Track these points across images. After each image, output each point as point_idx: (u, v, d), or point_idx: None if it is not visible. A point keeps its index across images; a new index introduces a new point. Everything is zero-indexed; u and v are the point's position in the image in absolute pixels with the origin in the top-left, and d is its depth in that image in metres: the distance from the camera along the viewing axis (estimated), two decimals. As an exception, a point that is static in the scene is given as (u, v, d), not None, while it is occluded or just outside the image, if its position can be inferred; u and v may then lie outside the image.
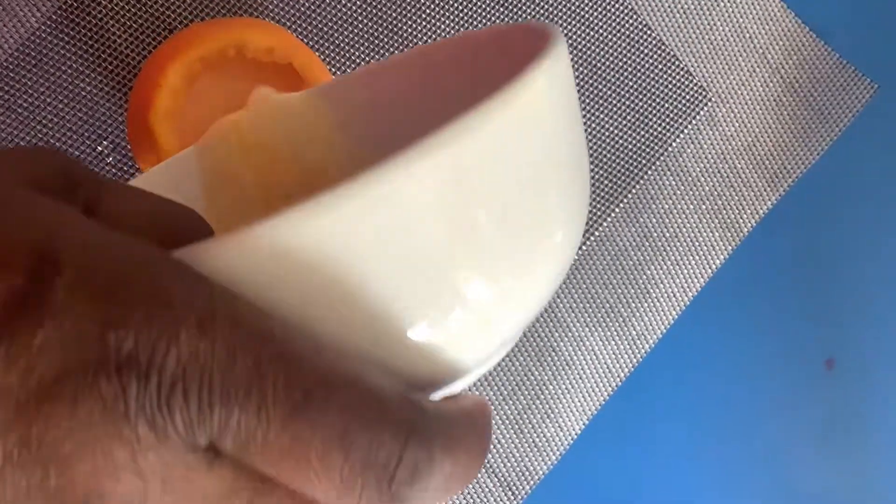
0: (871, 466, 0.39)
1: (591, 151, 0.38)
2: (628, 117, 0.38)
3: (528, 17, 0.37)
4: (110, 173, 0.34)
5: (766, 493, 0.39)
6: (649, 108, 0.38)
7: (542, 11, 0.37)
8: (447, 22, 0.37)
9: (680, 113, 0.38)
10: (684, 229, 0.38)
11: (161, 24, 0.34)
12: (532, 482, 0.37)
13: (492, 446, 0.37)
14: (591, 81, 0.38)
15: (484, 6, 0.37)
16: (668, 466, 0.38)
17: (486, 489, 0.37)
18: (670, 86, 0.38)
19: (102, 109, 0.34)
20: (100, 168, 0.34)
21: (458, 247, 0.14)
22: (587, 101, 0.38)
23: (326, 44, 0.36)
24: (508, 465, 0.37)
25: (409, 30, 0.36)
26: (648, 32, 0.38)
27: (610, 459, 0.38)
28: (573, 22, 0.38)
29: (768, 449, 0.39)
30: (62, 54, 0.33)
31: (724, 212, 0.38)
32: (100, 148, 0.34)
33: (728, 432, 0.39)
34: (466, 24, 0.37)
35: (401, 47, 0.36)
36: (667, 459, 0.38)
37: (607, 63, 0.38)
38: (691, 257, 0.38)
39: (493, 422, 0.37)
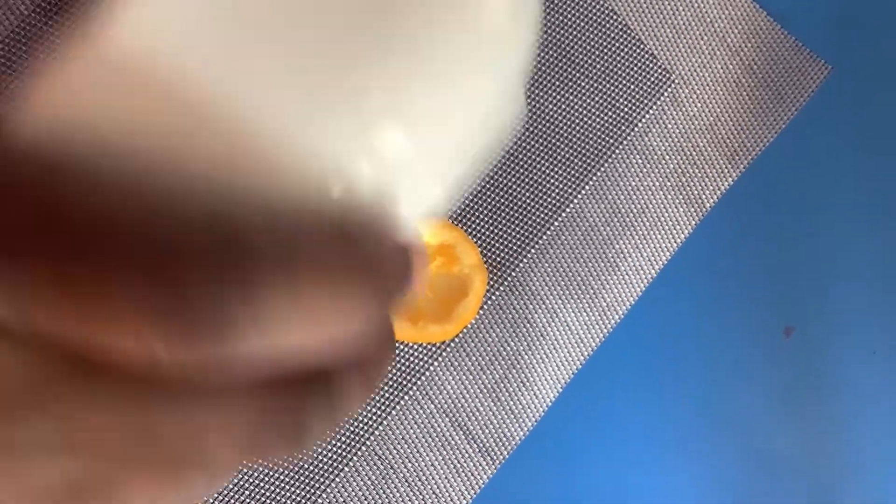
0: (827, 429, 0.41)
1: (561, 132, 0.39)
2: (596, 99, 0.39)
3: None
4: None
5: (728, 455, 0.40)
6: (616, 90, 0.39)
7: (513, -2, 0.39)
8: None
9: (645, 94, 0.40)
10: (650, 205, 0.40)
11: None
12: (509, 448, 0.38)
13: (470, 414, 0.38)
14: (560, 65, 0.39)
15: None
16: (636, 431, 0.40)
17: (465, 454, 0.38)
18: (636, 68, 0.40)
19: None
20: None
21: None
22: (557, 84, 0.39)
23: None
24: (486, 431, 0.38)
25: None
26: (615, 18, 0.39)
27: (582, 425, 0.39)
28: (542, 7, 0.39)
29: (731, 412, 0.40)
30: (52, 40, 0.34)
31: (688, 188, 0.40)
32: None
33: (693, 397, 0.40)
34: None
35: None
36: (635, 424, 0.40)
37: (576, 47, 0.39)
38: (657, 232, 0.40)
39: (473, 391, 0.38)
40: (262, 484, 0.37)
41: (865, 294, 0.41)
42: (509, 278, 0.39)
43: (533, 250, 0.39)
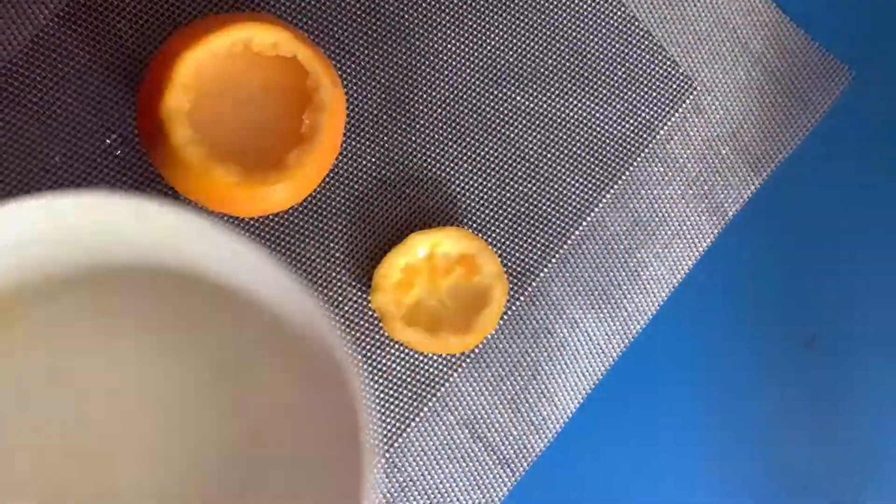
0: (850, 442, 0.40)
1: (582, 140, 0.39)
2: (618, 106, 0.39)
3: (517, 8, 0.38)
4: (118, 166, 0.35)
5: (749, 467, 0.40)
6: (637, 98, 0.39)
7: (533, 2, 0.38)
8: (444, 16, 0.38)
9: (667, 101, 0.39)
10: (672, 214, 0.39)
11: (166, 20, 0.35)
12: (529, 459, 0.38)
13: (490, 425, 0.38)
14: (581, 72, 0.39)
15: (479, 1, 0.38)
16: (657, 442, 0.39)
17: (485, 466, 0.38)
18: (657, 75, 0.39)
19: (110, 104, 0.35)
20: (108, 161, 0.35)
21: None
22: (578, 91, 0.39)
23: (327, 38, 0.37)
24: (506, 443, 0.38)
25: (409, 24, 0.37)
26: (636, 24, 0.39)
27: (604, 436, 0.39)
28: (564, 13, 0.39)
29: (752, 423, 0.40)
30: (70, 50, 0.34)
31: (710, 196, 0.40)
32: (108, 141, 0.35)
33: (714, 409, 0.40)
34: (463, 17, 0.38)
35: (399, 41, 0.37)
36: (657, 435, 0.39)
37: (597, 54, 0.39)
38: (679, 241, 0.40)
39: (493, 402, 0.38)
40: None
41: (890, 303, 0.41)
42: (530, 288, 0.38)
43: (554, 260, 0.39)
